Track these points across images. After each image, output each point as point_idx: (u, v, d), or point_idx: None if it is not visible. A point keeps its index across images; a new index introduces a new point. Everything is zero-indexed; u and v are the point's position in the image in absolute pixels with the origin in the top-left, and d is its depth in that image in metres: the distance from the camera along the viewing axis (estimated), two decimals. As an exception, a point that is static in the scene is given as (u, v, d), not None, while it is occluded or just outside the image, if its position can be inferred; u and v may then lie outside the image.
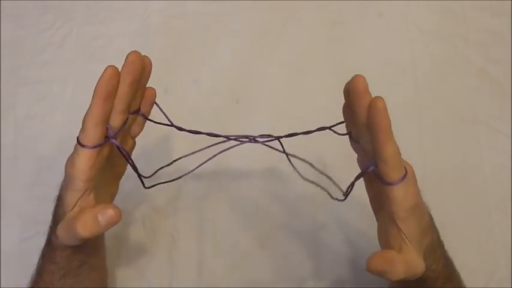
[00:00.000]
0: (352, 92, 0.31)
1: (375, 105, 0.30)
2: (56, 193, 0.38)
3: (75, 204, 0.35)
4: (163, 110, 0.39)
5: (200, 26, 0.62)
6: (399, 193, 0.31)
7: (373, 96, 0.31)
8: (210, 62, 0.60)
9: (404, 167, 0.32)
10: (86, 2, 0.64)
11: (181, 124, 0.38)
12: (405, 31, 0.61)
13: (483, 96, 0.58)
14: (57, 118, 0.58)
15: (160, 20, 0.63)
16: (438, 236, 0.38)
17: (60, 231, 0.35)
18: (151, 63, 0.37)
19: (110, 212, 0.33)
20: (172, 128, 0.39)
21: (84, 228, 0.33)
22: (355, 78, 0.31)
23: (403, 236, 0.33)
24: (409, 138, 0.55)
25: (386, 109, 0.30)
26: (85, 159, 0.34)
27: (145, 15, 0.63)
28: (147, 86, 0.38)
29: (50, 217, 0.53)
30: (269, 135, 0.39)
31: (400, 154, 0.31)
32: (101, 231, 0.34)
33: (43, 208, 0.53)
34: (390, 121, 0.30)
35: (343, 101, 0.35)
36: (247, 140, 0.39)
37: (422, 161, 0.54)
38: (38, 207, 0.54)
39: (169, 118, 0.39)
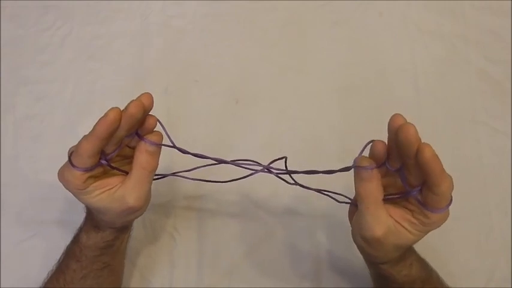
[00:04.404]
0: (404, 141, 0.31)
1: (424, 155, 0.30)
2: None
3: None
4: (168, 132, 0.38)
5: (200, 26, 0.62)
6: (440, 217, 0.33)
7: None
8: (210, 62, 0.60)
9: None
10: (86, 2, 0.64)
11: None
12: (405, 31, 0.61)
13: (483, 96, 0.58)
14: (57, 118, 0.58)
15: (160, 20, 0.63)
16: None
17: (133, 198, 0.36)
18: (152, 101, 0.37)
19: (151, 138, 0.36)
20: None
21: (145, 166, 0.36)
22: (406, 128, 0.30)
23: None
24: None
25: (436, 156, 0.30)
26: (77, 177, 0.35)
27: (145, 15, 0.63)
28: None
29: (49, 217, 0.53)
30: (282, 160, 0.38)
31: (452, 185, 0.32)
32: (159, 152, 0.37)
33: (43, 208, 0.54)
34: (441, 163, 0.30)
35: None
36: (260, 168, 0.38)
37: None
38: (38, 207, 0.54)
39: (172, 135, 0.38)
